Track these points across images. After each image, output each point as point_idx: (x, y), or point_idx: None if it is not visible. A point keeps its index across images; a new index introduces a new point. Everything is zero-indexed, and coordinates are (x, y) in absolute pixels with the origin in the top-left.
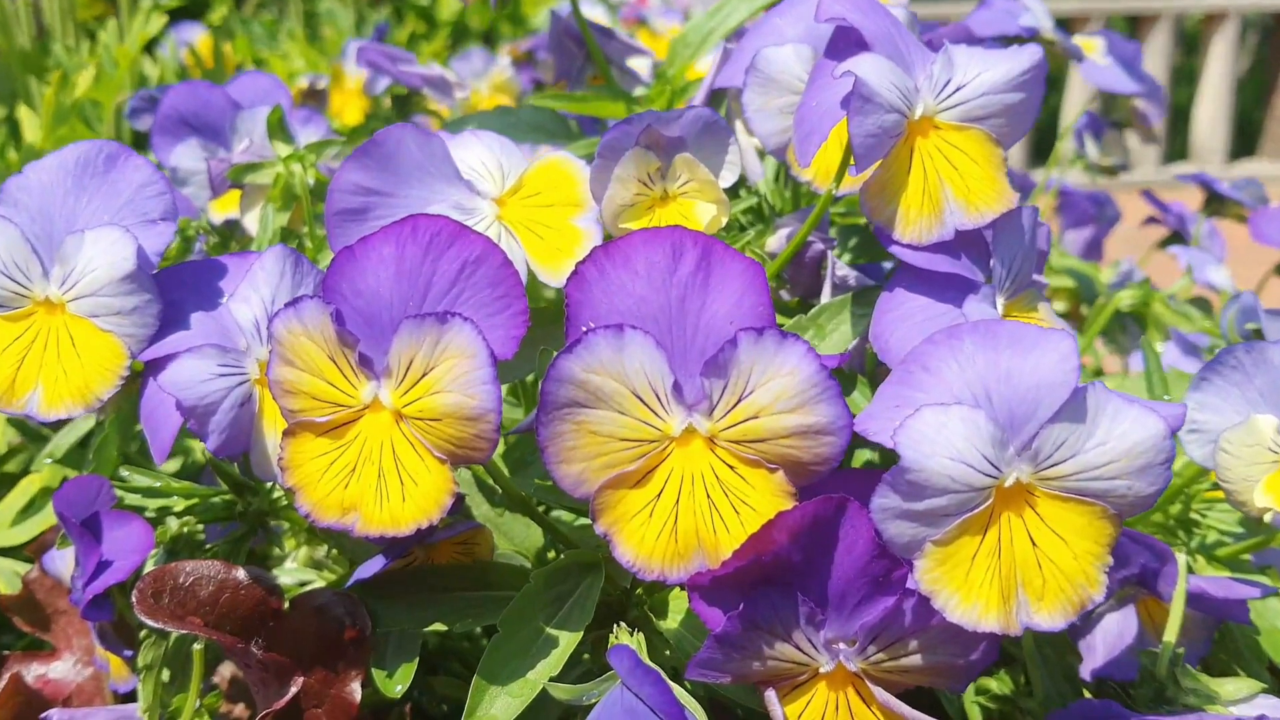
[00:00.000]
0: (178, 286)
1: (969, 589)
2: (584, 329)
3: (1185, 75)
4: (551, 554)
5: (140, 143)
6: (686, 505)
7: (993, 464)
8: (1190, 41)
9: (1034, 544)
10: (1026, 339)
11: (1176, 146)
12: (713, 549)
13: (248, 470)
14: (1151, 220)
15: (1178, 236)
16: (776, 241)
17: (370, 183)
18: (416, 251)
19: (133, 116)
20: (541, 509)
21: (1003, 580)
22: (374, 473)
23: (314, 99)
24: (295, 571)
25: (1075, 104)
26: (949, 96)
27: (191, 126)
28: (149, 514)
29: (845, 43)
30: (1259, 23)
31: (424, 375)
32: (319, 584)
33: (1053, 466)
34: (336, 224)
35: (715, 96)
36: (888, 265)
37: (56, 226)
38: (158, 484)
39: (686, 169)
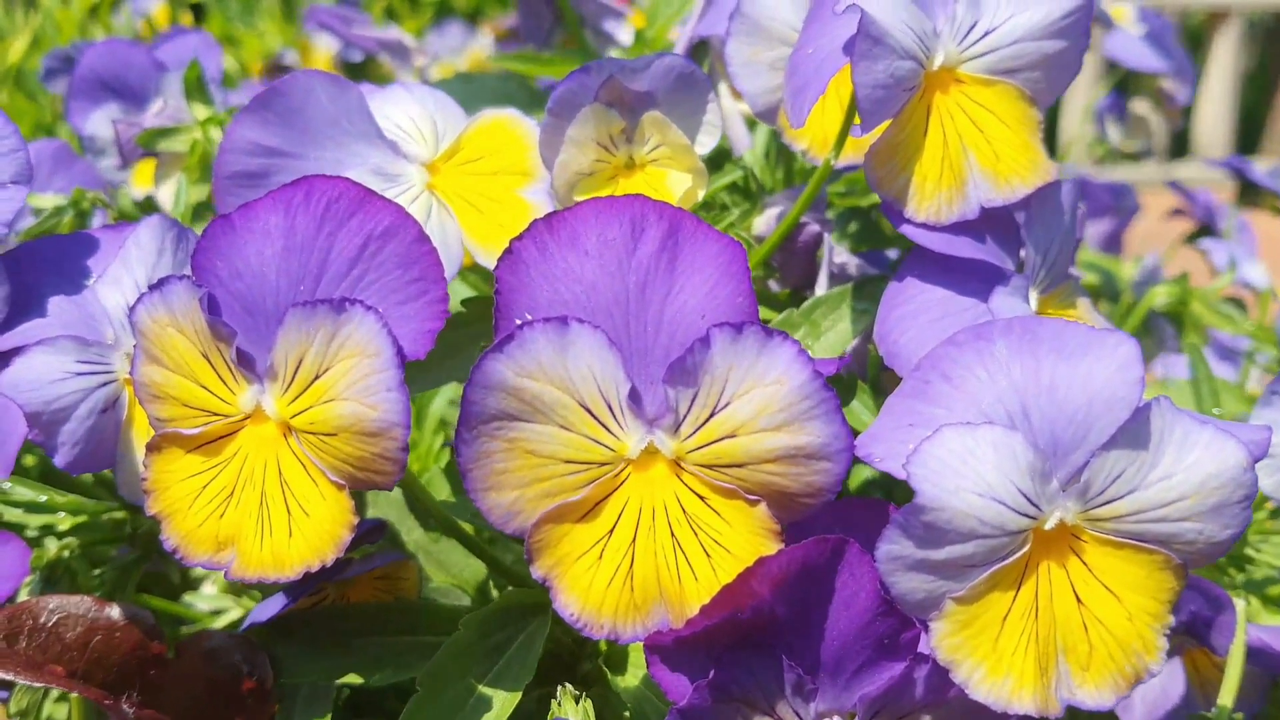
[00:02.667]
0: (35, 266)
1: (998, 659)
2: (518, 322)
3: None
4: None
5: None
6: (645, 545)
7: (1032, 501)
8: (1194, 40)
9: (1079, 601)
10: (1075, 341)
11: (1179, 144)
12: (677, 601)
13: None
14: (1177, 213)
15: (1205, 230)
16: (765, 223)
17: (270, 140)
18: (309, 222)
19: (47, 78)
20: (491, 539)
21: (1040, 647)
22: (255, 499)
23: (280, 74)
24: (213, 599)
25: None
26: (975, 43)
27: (112, 90)
28: (30, 533)
29: None
30: (1263, 22)
31: (316, 378)
32: (237, 613)
33: (1106, 504)
34: (227, 190)
35: (698, 52)
36: (895, 255)
37: None
38: (42, 499)
39: (656, 131)
